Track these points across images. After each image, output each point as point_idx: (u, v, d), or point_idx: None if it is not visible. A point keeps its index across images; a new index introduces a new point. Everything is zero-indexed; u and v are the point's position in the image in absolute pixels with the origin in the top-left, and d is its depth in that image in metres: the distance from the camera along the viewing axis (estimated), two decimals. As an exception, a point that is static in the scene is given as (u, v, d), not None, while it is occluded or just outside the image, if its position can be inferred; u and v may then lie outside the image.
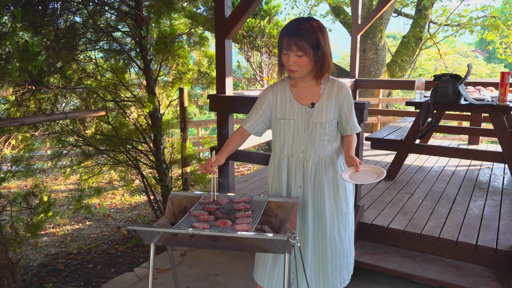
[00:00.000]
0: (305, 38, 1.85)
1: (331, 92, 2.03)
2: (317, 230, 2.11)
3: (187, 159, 4.48)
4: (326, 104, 2.02)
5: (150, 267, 1.86)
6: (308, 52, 1.87)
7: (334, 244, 2.12)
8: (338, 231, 2.12)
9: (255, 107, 2.13)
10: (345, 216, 2.15)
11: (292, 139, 2.07)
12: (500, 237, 2.75)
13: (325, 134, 2.03)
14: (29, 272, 3.62)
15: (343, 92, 2.03)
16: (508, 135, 3.42)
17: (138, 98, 4.02)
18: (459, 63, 15.92)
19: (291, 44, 1.87)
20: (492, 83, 4.45)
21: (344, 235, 2.15)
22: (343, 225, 2.14)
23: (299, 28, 1.87)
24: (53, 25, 3.69)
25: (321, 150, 2.05)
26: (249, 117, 2.14)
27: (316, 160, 2.06)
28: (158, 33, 4.17)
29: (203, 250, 3.30)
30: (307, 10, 12.75)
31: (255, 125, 2.13)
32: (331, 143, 2.08)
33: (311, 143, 2.04)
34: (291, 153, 2.09)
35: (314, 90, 2.04)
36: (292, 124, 2.04)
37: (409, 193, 3.63)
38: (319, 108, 2.01)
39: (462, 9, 11.12)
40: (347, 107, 2.05)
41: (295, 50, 1.87)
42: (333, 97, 2.02)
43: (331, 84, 2.04)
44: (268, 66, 7.66)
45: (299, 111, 2.03)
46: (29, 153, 3.88)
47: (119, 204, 5.96)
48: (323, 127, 2.02)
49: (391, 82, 6.99)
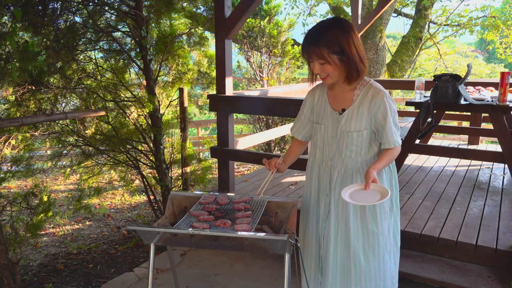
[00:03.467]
0: (323, 45, 1.76)
1: (364, 99, 1.88)
2: (341, 245, 2.00)
3: (187, 159, 4.48)
4: (357, 112, 1.88)
5: (150, 267, 1.86)
6: (330, 58, 1.78)
7: (358, 263, 1.98)
8: (364, 250, 1.98)
9: (299, 116, 2.13)
10: (372, 236, 1.97)
11: (323, 145, 2.00)
12: (500, 237, 2.75)
13: (353, 145, 1.91)
14: (29, 272, 3.62)
15: (377, 100, 1.85)
16: (508, 135, 3.42)
17: (138, 98, 4.02)
18: (459, 63, 15.93)
19: (310, 53, 1.81)
20: (492, 83, 4.45)
21: (372, 256, 1.98)
22: (370, 246, 1.98)
23: (316, 35, 1.79)
24: (53, 25, 3.69)
25: (348, 161, 1.94)
26: (294, 123, 2.15)
27: (343, 171, 1.96)
28: (158, 33, 4.17)
29: (203, 250, 3.29)
30: (307, 10, 12.75)
31: (300, 130, 2.13)
32: (361, 155, 1.93)
33: (338, 152, 1.95)
34: (322, 158, 2.03)
35: (348, 95, 1.92)
36: (322, 129, 1.98)
37: (409, 193, 3.63)
38: (349, 115, 1.89)
39: (462, 9, 11.13)
40: (381, 117, 1.85)
41: (316, 59, 1.81)
42: (365, 105, 1.87)
43: (366, 91, 1.88)
44: (268, 66, 7.66)
45: (330, 116, 1.96)
46: (29, 153, 3.88)
47: (119, 204, 5.96)
48: (350, 136, 1.89)
49: (391, 82, 6.99)
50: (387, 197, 1.73)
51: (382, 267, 2.02)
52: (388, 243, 2.02)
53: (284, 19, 9.67)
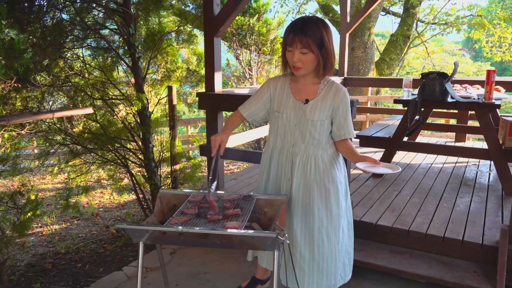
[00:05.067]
0: (310, 36, 1.87)
1: (328, 93, 2.04)
2: (304, 228, 2.12)
3: (176, 158, 4.47)
4: (321, 103, 2.03)
5: (139, 266, 1.86)
6: (313, 49, 1.89)
7: (321, 245, 2.12)
8: (327, 232, 2.12)
9: (257, 96, 2.16)
10: (335, 218, 2.13)
11: (284, 133, 2.10)
12: (486, 232, 2.79)
13: (316, 132, 2.05)
14: (16, 273, 3.58)
15: (340, 95, 2.03)
16: (494, 133, 3.47)
17: (127, 96, 3.99)
18: (446, 62, 16.10)
19: (295, 41, 1.89)
20: (478, 81, 4.51)
21: (333, 237, 2.14)
22: (332, 227, 2.13)
23: (304, 25, 1.89)
24: (40, 22, 3.65)
25: (310, 148, 2.07)
26: (249, 105, 2.18)
27: (305, 157, 2.08)
28: (147, 30, 4.14)
29: (193, 248, 3.29)
30: (296, 9, 12.78)
31: (254, 115, 2.18)
32: (323, 144, 2.08)
33: (301, 139, 2.07)
34: (282, 146, 2.13)
35: (312, 88, 2.06)
36: (284, 118, 2.08)
37: (397, 190, 3.66)
38: (313, 106, 2.03)
39: (449, 8, 11.25)
40: (343, 110, 2.04)
41: (299, 47, 1.89)
42: (329, 98, 2.03)
43: (330, 86, 2.05)
44: (257, 64, 7.66)
45: (293, 105, 2.06)
46: (15, 152, 3.83)
47: (107, 203, 5.92)
48: (314, 125, 2.03)
49: (379, 80, 7.04)
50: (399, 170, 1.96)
51: (341, 245, 2.20)
52: (345, 222, 2.22)
53: (273, 17, 9.69)
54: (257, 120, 2.20)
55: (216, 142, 2.04)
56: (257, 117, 2.19)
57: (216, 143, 2.03)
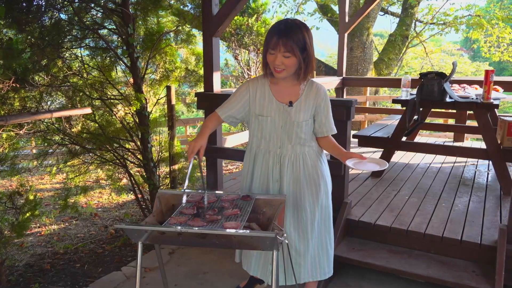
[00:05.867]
0: (293, 39, 1.88)
1: (309, 93, 2.07)
2: (297, 224, 2.17)
3: (175, 158, 4.47)
4: (305, 104, 2.06)
5: (138, 266, 1.85)
6: (296, 53, 1.90)
7: (314, 238, 2.20)
8: (319, 224, 2.20)
9: (236, 98, 2.13)
10: (325, 210, 2.22)
11: (269, 136, 2.11)
12: (484, 232, 2.79)
13: (302, 132, 2.08)
14: (15, 273, 3.57)
15: (321, 93, 2.08)
16: (492, 132, 3.48)
17: (125, 96, 3.99)
18: (444, 61, 16.12)
19: (279, 44, 1.89)
20: (476, 81, 4.51)
21: (324, 228, 2.24)
22: (322, 219, 2.22)
23: (287, 29, 1.89)
24: (38, 22, 3.64)
25: (297, 148, 2.11)
26: (227, 107, 2.14)
27: (293, 157, 2.12)
28: (145, 30, 4.14)
29: (192, 248, 3.29)
30: (294, 8, 12.78)
31: (232, 118, 2.15)
32: (308, 142, 2.13)
33: (288, 140, 2.10)
34: (267, 149, 2.14)
35: (293, 89, 2.08)
36: (269, 121, 2.08)
37: (396, 190, 3.66)
38: (297, 107, 2.06)
39: (448, 8, 11.25)
40: (324, 108, 2.09)
41: (283, 51, 1.89)
42: (311, 98, 2.07)
43: (309, 86, 2.08)
44: (256, 64, 7.66)
45: (277, 108, 2.07)
46: (14, 152, 3.82)
47: (106, 203, 5.91)
48: (300, 125, 2.06)
49: (378, 80, 7.05)
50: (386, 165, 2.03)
51: (330, 236, 2.28)
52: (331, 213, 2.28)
53: (271, 17, 9.70)
54: (235, 122, 2.18)
55: (195, 148, 1.97)
56: (235, 119, 2.16)
57: (194, 149, 1.97)
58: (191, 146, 1.99)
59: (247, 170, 2.25)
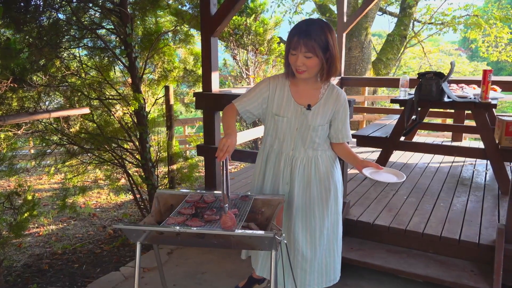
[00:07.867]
0: (315, 39, 1.83)
1: (329, 97, 2.03)
2: (306, 230, 2.13)
3: (173, 158, 4.46)
4: (323, 108, 2.02)
5: (136, 266, 1.85)
6: (317, 53, 1.85)
7: (322, 244, 2.15)
8: (327, 230, 2.15)
9: (255, 93, 2.06)
10: (334, 217, 2.17)
11: (284, 136, 2.07)
12: (482, 232, 2.80)
13: (317, 137, 2.04)
14: (13, 273, 3.56)
15: (341, 99, 2.04)
16: (490, 132, 3.48)
17: (123, 96, 3.98)
18: (442, 61, 16.13)
19: (300, 44, 1.84)
20: (474, 81, 4.52)
21: (332, 235, 2.18)
22: (331, 225, 2.17)
23: (309, 28, 1.85)
24: (36, 22, 3.63)
25: (310, 152, 2.07)
26: (245, 101, 2.07)
27: (305, 160, 2.08)
28: (143, 30, 4.13)
29: (190, 248, 3.29)
30: (293, 8, 12.78)
31: (249, 113, 2.08)
32: (322, 146, 2.09)
33: (301, 143, 2.05)
34: (280, 149, 2.10)
35: (313, 92, 2.03)
36: (285, 122, 2.04)
37: (394, 190, 3.67)
38: (315, 111, 2.01)
39: (446, 8, 11.27)
40: (343, 114, 2.06)
41: (304, 51, 1.84)
42: (330, 103, 2.03)
43: (330, 90, 2.04)
44: (254, 64, 7.66)
45: (294, 110, 2.02)
46: (12, 152, 3.81)
47: (104, 203, 5.90)
48: (316, 130, 2.02)
49: (376, 80, 7.06)
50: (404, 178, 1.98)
51: (338, 244, 2.23)
52: (340, 220, 2.24)
53: (270, 17, 9.68)
54: (251, 118, 2.11)
55: (231, 146, 1.81)
56: (252, 115, 2.10)
57: (230, 148, 1.81)
58: (226, 144, 1.80)
59: (259, 170, 2.20)
